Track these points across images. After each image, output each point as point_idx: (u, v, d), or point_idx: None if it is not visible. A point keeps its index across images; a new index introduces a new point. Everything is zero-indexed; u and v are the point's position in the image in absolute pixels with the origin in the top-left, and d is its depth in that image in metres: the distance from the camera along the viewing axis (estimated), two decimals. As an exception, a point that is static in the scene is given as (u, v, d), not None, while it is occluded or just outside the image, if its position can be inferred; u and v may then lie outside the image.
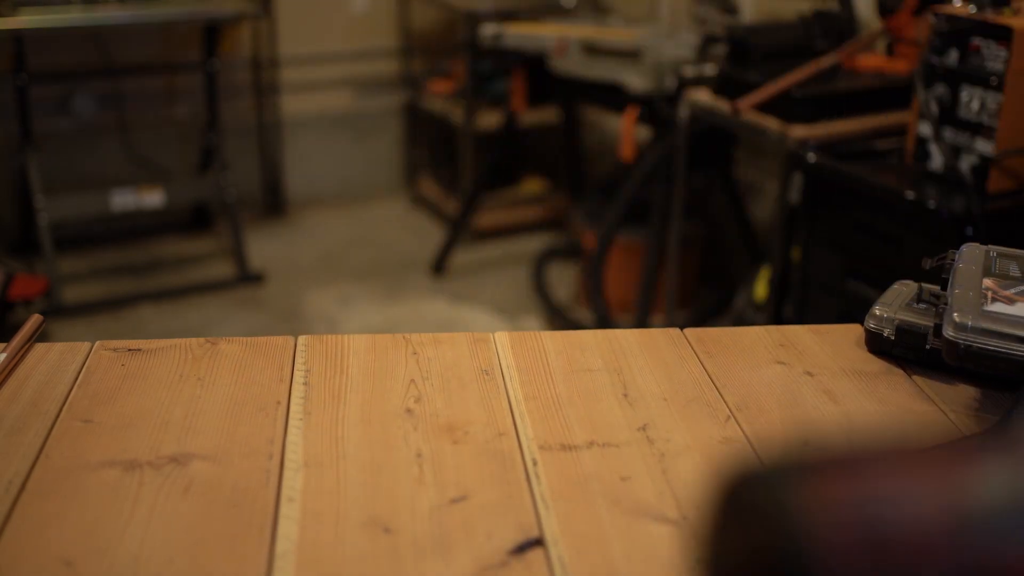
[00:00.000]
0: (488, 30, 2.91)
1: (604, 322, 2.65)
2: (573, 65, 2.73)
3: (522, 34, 2.89)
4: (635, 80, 2.57)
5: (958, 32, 1.67)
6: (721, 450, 0.77)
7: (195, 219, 3.53)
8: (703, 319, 2.81)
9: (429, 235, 3.48)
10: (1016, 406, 0.80)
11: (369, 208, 3.74)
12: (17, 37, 2.79)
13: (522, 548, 0.64)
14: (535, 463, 0.73)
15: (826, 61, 2.07)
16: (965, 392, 0.86)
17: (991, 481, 0.28)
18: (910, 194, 1.72)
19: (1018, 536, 0.27)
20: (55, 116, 3.23)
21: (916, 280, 0.96)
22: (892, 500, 0.27)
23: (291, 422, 0.78)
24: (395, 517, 0.67)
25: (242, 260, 3.14)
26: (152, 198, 3.05)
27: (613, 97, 2.64)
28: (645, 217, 2.57)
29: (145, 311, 2.97)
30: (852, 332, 0.96)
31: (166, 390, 0.82)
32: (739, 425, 0.80)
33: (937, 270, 0.91)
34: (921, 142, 1.77)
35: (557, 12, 3.26)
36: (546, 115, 3.39)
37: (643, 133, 2.71)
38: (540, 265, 3.09)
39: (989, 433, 0.30)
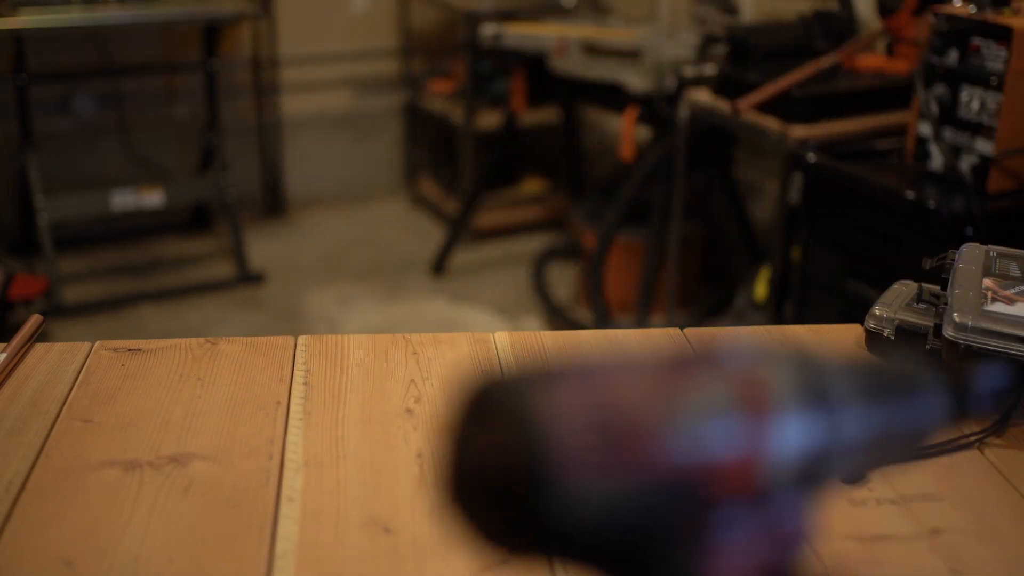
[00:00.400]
0: (488, 30, 2.91)
1: (604, 322, 2.65)
2: (573, 65, 2.73)
3: (522, 34, 2.89)
4: (635, 80, 2.57)
5: (958, 32, 1.67)
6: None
7: (195, 219, 3.53)
8: (703, 319, 2.81)
9: (429, 235, 3.47)
10: (1015, 405, 0.80)
11: (369, 208, 3.74)
12: (17, 37, 2.78)
13: (522, 548, 0.64)
14: (535, 463, 0.73)
15: (826, 61, 2.07)
16: (965, 392, 0.86)
17: (695, 396, 0.33)
18: (910, 194, 1.72)
19: (712, 441, 0.32)
20: (55, 116, 3.23)
21: (916, 280, 0.96)
22: (614, 407, 0.32)
23: (291, 422, 0.78)
24: (395, 517, 0.67)
25: (242, 260, 3.14)
26: (152, 198, 3.04)
27: (613, 97, 2.64)
28: (645, 217, 2.57)
29: (145, 311, 2.97)
30: (852, 332, 0.96)
31: (166, 390, 0.82)
32: (739, 425, 0.80)
33: (937, 270, 0.91)
34: (921, 142, 1.77)
35: (557, 12, 3.26)
36: (546, 115, 3.38)
37: (643, 133, 2.71)
38: (540, 265, 3.09)
39: (697, 353, 0.35)
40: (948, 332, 0.81)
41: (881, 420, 0.38)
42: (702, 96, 2.22)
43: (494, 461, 0.31)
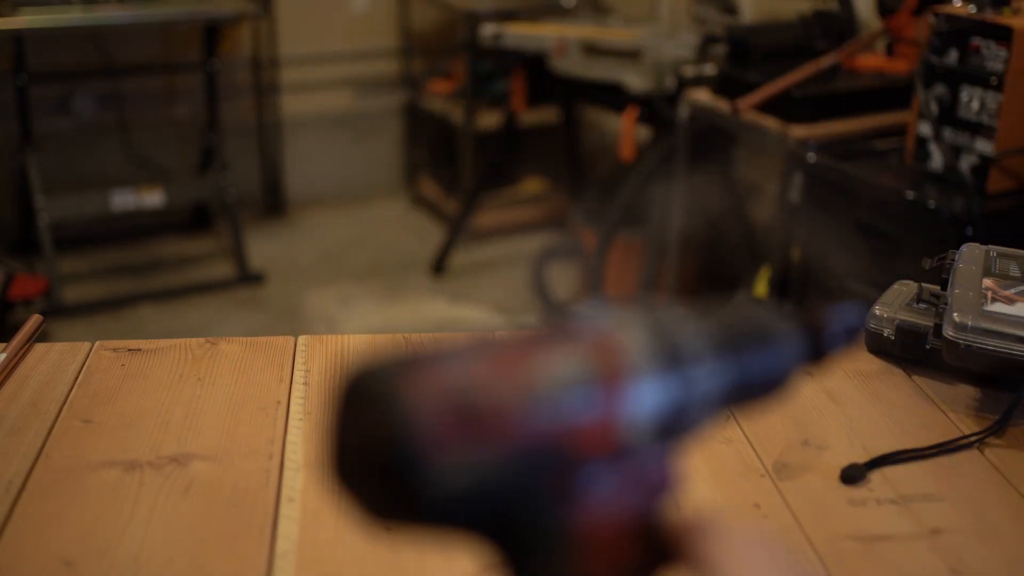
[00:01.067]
0: (488, 30, 2.91)
1: (604, 322, 2.64)
2: (573, 65, 2.73)
3: (522, 34, 2.89)
4: (635, 80, 2.57)
5: (958, 32, 1.67)
6: (721, 450, 0.77)
7: (195, 219, 3.53)
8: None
9: (429, 235, 3.47)
10: (1015, 405, 0.80)
11: (369, 208, 3.74)
12: (17, 37, 2.78)
13: (522, 548, 0.64)
14: (535, 463, 0.73)
15: (826, 61, 2.07)
16: (965, 392, 0.86)
17: (552, 367, 0.35)
18: (910, 194, 1.72)
19: (570, 407, 0.35)
20: (55, 116, 3.22)
21: (916, 280, 0.96)
22: (478, 385, 0.34)
23: (291, 422, 0.78)
24: (395, 517, 0.67)
25: (242, 260, 3.14)
26: (152, 198, 3.04)
27: (613, 97, 2.64)
28: (645, 217, 2.57)
29: (145, 311, 2.97)
30: (852, 332, 0.96)
31: (166, 390, 0.82)
32: (739, 425, 0.80)
33: (937, 270, 0.91)
34: (921, 142, 1.77)
35: (557, 12, 3.26)
36: (546, 115, 3.38)
37: (643, 133, 2.71)
38: (540, 265, 3.09)
39: (552, 330, 0.38)
40: (948, 332, 0.81)
41: (736, 371, 0.41)
42: (702, 96, 2.22)
43: (369, 444, 0.34)
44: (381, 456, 0.33)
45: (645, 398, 0.37)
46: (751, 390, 0.42)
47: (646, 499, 0.38)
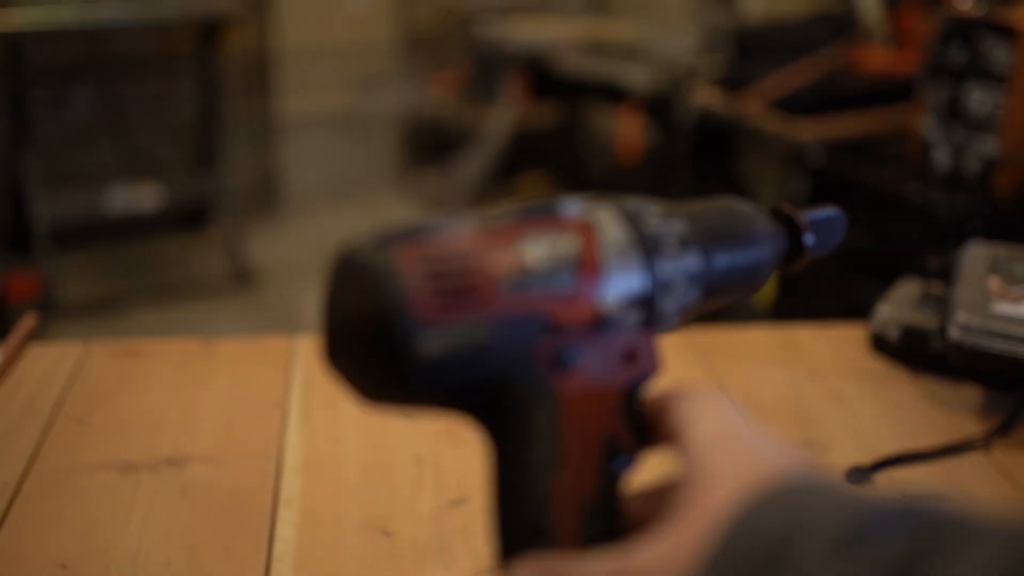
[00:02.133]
0: (488, 29, 2.90)
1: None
2: (574, 64, 2.73)
3: (523, 33, 2.88)
4: (637, 78, 2.57)
5: (964, 30, 1.66)
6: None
7: (192, 218, 3.52)
8: (705, 319, 2.80)
9: (429, 234, 3.47)
10: (1020, 406, 0.79)
11: (368, 208, 3.74)
12: (15, 35, 2.78)
13: (524, 552, 0.63)
14: (536, 465, 0.72)
15: (830, 60, 2.07)
16: (970, 393, 0.85)
17: (536, 244, 0.37)
18: (914, 193, 1.71)
19: (554, 282, 0.37)
20: (52, 114, 3.22)
21: (920, 280, 0.96)
22: (464, 257, 0.35)
23: (289, 424, 0.77)
24: (394, 520, 0.66)
25: (240, 259, 3.13)
26: (149, 197, 3.04)
27: (615, 95, 2.64)
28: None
29: (142, 310, 2.96)
30: (856, 332, 0.95)
31: (163, 391, 0.81)
32: (743, 427, 0.79)
33: (942, 270, 0.90)
34: (926, 141, 1.77)
35: (558, 10, 3.25)
36: (546, 114, 3.38)
37: (646, 132, 2.70)
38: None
39: (535, 211, 0.39)
40: (953, 333, 0.80)
41: (712, 260, 0.42)
42: (705, 95, 2.21)
43: (358, 317, 0.35)
44: (369, 329, 0.34)
45: (622, 277, 0.38)
46: (726, 280, 0.43)
47: (630, 378, 0.39)
